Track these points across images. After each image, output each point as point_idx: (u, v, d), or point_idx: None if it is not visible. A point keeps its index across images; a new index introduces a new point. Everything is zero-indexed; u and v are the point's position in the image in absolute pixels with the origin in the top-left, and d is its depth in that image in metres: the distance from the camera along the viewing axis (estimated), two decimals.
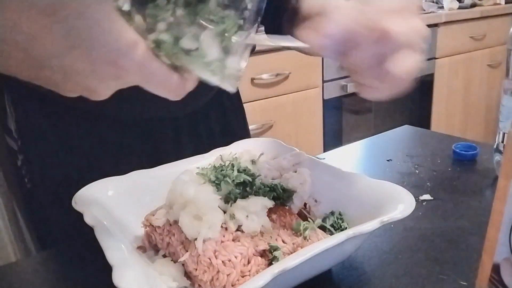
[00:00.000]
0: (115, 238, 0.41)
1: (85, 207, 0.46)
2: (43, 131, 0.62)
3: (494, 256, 0.33)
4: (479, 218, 0.56)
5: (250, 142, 0.63)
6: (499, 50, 2.61)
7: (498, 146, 0.65)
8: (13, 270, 0.52)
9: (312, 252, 0.36)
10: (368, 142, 0.87)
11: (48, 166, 0.63)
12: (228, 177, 0.45)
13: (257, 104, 1.72)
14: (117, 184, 0.52)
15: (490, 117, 2.76)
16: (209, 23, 0.32)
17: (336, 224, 0.48)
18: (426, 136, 0.88)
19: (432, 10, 2.37)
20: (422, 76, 2.26)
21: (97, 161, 0.63)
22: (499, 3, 2.64)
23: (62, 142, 0.62)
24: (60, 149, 0.63)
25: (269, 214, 0.45)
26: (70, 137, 0.63)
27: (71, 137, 0.63)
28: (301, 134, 1.89)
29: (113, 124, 0.63)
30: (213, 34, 0.33)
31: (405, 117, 2.32)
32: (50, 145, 0.62)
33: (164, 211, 0.47)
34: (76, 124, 0.62)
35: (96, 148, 0.63)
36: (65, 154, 0.63)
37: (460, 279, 0.44)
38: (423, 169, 0.71)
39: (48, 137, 0.62)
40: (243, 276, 0.39)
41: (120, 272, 0.35)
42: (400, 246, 0.51)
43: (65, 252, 0.54)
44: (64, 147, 0.62)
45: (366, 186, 0.49)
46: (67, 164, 0.63)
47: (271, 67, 1.71)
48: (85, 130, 0.63)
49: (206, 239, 0.41)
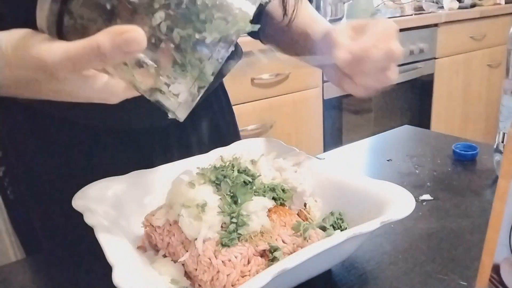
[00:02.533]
0: (115, 238, 0.41)
1: (85, 207, 0.46)
2: (27, 142, 0.60)
3: (494, 256, 0.33)
4: (479, 218, 0.56)
5: (250, 142, 0.63)
6: (499, 50, 2.61)
7: (498, 146, 0.65)
8: (13, 270, 0.52)
9: (312, 252, 0.36)
10: (368, 142, 0.87)
11: (32, 177, 0.62)
12: (228, 177, 0.45)
13: (257, 104, 1.72)
14: (117, 184, 0.52)
15: (490, 117, 2.76)
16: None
17: (336, 224, 0.48)
18: (426, 136, 0.88)
19: (432, 10, 2.37)
20: (422, 76, 2.26)
21: (84, 172, 0.60)
22: (499, 3, 2.64)
23: (47, 153, 0.61)
24: (44, 161, 0.61)
25: (269, 214, 0.45)
26: (55, 148, 0.61)
27: (56, 148, 0.61)
28: (301, 134, 1.89)
29: (100, 134, 0.61)
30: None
31: (405, 117, 2.32)
32: (34, 156, 0.61)
33: (164, 211, 0.47)
34: (61, 135, 0.60)
35: (82, 159, 0.62)
36: (49, 165, 0.61)
37: (460, 279, 0.44)
38: (423, 169, 0.71)
39: (31, 148, 0.61)
40: (243, 276, 0.39)
41: (120, 272, 0.35)
42: (400, 246, 0.51)
43: (65, 252, 0.54)
44: (48, 158, 0.61)
45: (366, 186, 0.49)
46: (51, 175, 0.61)
47: (271, 67, 1.71)
48: (71, 141, 0.61)
49: (206, 239, 0.41)
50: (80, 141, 0.61)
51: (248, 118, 1.68)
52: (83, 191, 0.49)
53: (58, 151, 0.61)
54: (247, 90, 1.67)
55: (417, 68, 2.21)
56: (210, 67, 0.33)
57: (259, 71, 1.69)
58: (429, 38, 2.24)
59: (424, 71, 2.26)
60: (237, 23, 0.33)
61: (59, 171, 0.61)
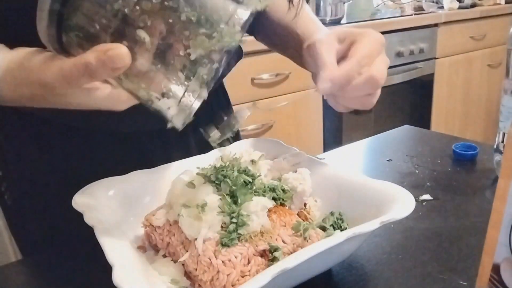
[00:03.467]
0: (115, 238, 0.41)
1: (85, 207, 0.46)
2: (25, 146, 0.60)
3: (494, 256, 0.33)
4: (479, 218, 0.56)
5: (250, 142, 0.63)
6: (499, 50, 2.61)
7: (498, 146, 0.65)
8: (13, 270, 0.52)
9: (312, 252, 0.36)
10: (368, 142, 0.87)
11: (30, 181, 0.62)
12: (228, 177, 0.45)
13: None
14: (117, 184, 0.52)
15: (490, 117, 2.76)
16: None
17: (336, 224, 0.48)
18: (426, 136, 0.88)
19: (432, 10, 2.37)
20: (422, 76, 2.26)
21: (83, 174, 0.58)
22: (499, 3, 2.64)
23: (45, 156, 0.60)
24: (42, 164, 0.61)
25: (269, 214, 0.45)
26: (53, 151, 0.60)
27: (55, 151, 0.60)
28: (301, 134, 1.89)
29: (99, 135, 0.61)
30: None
31: (405, 117, 2.32)
32: (32, 161, 0.61)
33: (164, 211, 0.47)
34: (60, 138, 0.60)
35: (81, 161, 0.61)
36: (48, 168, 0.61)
37: (460, 279, 0.44)
38: (423, 169, 0.71)
39: (30, 152, 0.60)
40: (243, 276, 0.39)
41: (120, 272, 0.35)
42: (400, 246, 0.51)
43: (65, 252, 0.54)
44: (47, 161, 0.61)
45: (366, 186, 0.49)
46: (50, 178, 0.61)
47: (271, 67, 1.71)
48: (70, 144, 0.60)
49: (206, 239, 0.41)
50: (79, 143, 0.61)
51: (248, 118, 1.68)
52: (83, 191, 0.49)
53: (56, 154, 0.61)
54: (247, 90, 1.67)
55: (417, 68, 2.21)
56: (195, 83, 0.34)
57: (259, 71, 1.69)
58: (429, 38, 2.24)
59: (424, 71, 2.26)
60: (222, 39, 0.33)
61: (58, 174, 0.61)
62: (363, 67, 0.47)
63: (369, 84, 0.48)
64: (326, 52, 0.49)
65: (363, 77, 0.47)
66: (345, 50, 0.49)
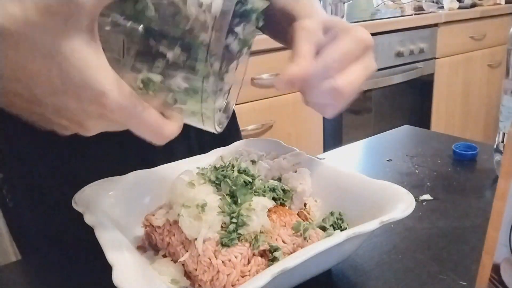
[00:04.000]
0: (115, 238, 0.41)
1: (85, 207, 0.46)
2: (25, 148, 0.60)
3: (494, 256, 0.33)
4: (479, 218, 0.56)
5: (250, 142, 0.63)
6: (499, 50, 2.61)
7: (498, 146, 0.65)
8: (13, 270, 0.52)
9: (312, 252, 0.36)
10: (368, 142, 0.87)
11: (31, 182, 0.61)
12: (228, 177, 0.45)
13: (257, 104, 1.72)
14: (117, 184, 0.52)
15: (490, 117, 2.76)
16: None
17: (336, 224, 0.48)
18: (426, 136, 0.88)
19: (432, 10, 2.37)
20: (422, 76, 2.26)
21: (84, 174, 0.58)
22: (499, 3, 2.64)
23: (46, 157, 0.60)
24: (43, 165, 0.61)
25: (269, 214, 0.45)
26: (54, 152, 0.60)
27: (55, 152, 0.60)
28: (301, 134, 1.89)
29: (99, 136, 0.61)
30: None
31: (405, 117, 2.32)
32: (33, 162, 0.60)
33: (164, 211, 0.47)
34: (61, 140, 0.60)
35: (82, 162, 0.61)
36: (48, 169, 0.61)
37: (460, 279, 0.44)
38: (423, 169, 0.71)
39: (30, 154, 0.60)
40: (243, 276, 0.39)
41: (120, 272, 0.35)
42: (400, 246, 0.51)
43: (65, 252, 0.54)
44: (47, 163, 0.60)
45: (366, 186, 0.49)
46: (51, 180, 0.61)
47: (271, 67, 1.71)
48: (71, 145, 0.60)
49: (206, 239, 0.41)
50: (79, 143, 0.61)
51: (248, 118, 1.68)
52: (83, 191, 0.49)
53: (57, 155, 0.61)
54: (247, 90, 1.68)
55: (417, 68, 2.21)
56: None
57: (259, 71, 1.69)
58: (429, 38, 2.24)
59: (424, 71, 2.26)
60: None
61: (58, 174, 0.61)
62: (330, 72, 0.41)
63: (330, 95, 0.41)
64: (303, 41, 0.42)
65: (324, 86, 0.41)
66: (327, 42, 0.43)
